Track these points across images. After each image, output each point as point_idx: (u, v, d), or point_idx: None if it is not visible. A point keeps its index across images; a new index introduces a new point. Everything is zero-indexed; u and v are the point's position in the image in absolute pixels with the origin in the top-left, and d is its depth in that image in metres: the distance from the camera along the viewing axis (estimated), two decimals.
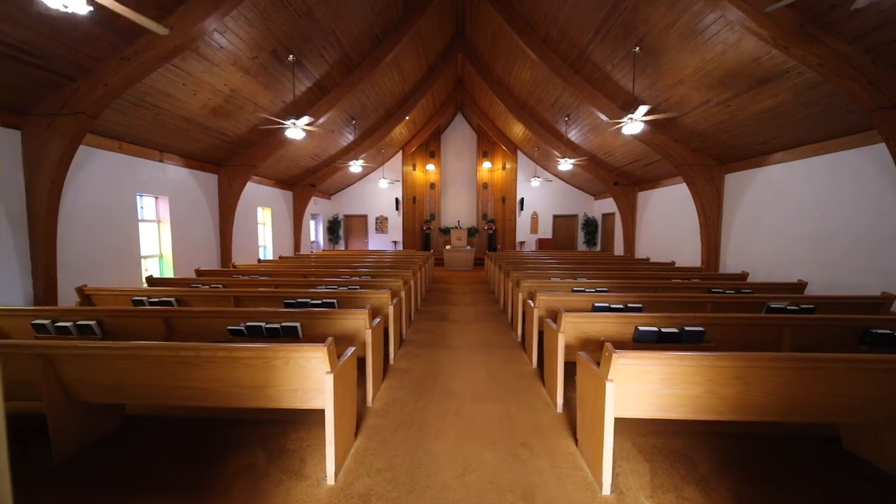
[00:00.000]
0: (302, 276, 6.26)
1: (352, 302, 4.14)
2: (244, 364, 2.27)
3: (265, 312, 3.38)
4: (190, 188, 7.30)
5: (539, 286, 4.95)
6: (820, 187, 5.37)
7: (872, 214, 4.71)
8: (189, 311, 3.41)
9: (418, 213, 15.99)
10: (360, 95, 8.71)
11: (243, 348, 2.26)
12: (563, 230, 14.88)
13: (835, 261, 5.14)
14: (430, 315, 6.56)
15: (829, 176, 5.24)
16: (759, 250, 6.55)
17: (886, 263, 4.54)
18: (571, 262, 8.36)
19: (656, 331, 3.05)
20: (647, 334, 3.06)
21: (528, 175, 14.38)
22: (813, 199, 5.49)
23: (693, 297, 4.17)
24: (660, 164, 8.77)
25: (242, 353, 2.25)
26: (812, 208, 5.49)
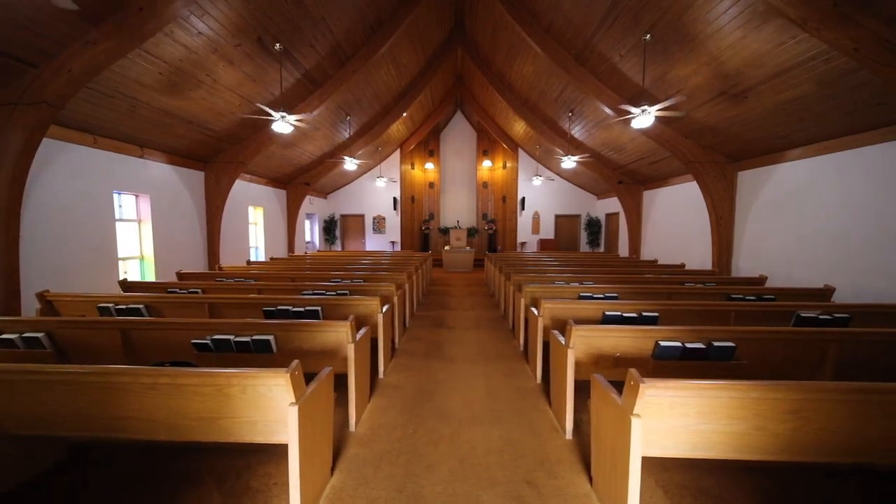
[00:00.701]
0: (290, 279, 5.86)
1: (338, 310, 3.75)
2: (192, 392, 1.87)
3: (236, 324, 2.98)
4: (174, 186, 6.91)
5: (543, 292, 4.55)
6: (847, 185, 4.97)
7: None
8: (151, 322, 3.01)
9: (417, 213, 15.60)
10: (355, 90, 8.32)
11: (190, 373, 1.86)
12: (566, 230, 14.48)
13: (863, 264, 4.73)
14: (427, 321, 6.16)
15: (858, 173, 4.83)
16: (775, 252, 6.14)
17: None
18: (576, 265, 7.96)
19: (680, 346, 2.65)
20: (669, 350, 2.66)
21: (530, 174, 13.99)
22: (838, 197, 5.08)
23: (713, 305, 3.77)
24: (667, 161, 8.37)
25: (189, 380, 1.85)
26: (837, 207, 5.08)
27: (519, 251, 14.13)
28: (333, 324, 2.86)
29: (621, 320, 3.61)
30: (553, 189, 14.23)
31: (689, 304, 3.81)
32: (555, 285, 4.92)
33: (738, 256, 7.05)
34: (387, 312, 4.03)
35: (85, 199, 5.25)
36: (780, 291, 4.45)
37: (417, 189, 15.64)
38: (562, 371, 2.81)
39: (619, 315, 3.64)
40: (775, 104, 5.11)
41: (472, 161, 15.71)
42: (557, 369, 2.97)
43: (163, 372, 1.86)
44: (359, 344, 2.96)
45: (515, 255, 11.17)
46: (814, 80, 4.47)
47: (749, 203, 6.79)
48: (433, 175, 15.73)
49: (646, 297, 4.55)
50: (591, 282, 5.45)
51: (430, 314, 6.65)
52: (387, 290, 4.72)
